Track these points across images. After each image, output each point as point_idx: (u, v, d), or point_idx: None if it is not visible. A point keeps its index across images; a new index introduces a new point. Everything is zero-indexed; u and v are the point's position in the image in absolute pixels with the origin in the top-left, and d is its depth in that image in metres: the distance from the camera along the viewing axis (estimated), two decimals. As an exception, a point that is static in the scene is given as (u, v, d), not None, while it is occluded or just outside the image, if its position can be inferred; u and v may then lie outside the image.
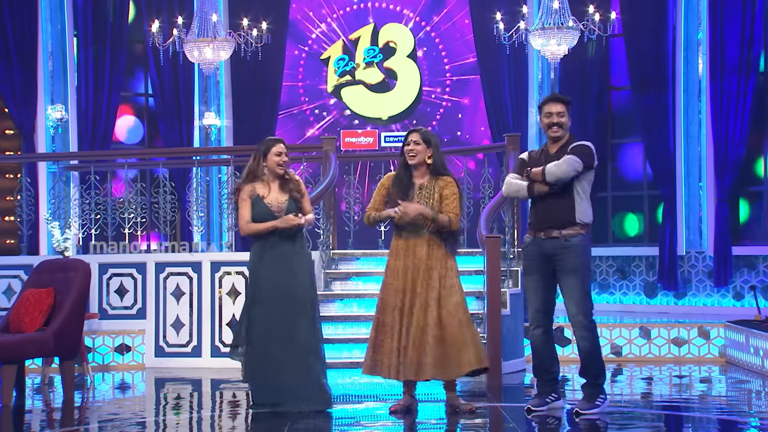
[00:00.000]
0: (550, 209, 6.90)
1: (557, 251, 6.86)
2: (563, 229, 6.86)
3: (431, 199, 6.99)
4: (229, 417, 7.50)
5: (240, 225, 7.16)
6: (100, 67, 13.19)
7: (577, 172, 6.80)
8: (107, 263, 10.15)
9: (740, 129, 12.17)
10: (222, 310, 9.86)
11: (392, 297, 6.97)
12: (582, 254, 6.85)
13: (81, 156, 12.47)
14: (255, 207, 7.10)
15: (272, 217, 7.08)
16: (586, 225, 6.89)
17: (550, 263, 6.91)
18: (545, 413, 6.96)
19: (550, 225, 6.90)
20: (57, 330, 7.79)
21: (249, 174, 7.17)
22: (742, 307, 12.03)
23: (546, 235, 6.91)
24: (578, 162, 6.79)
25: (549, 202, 6.88)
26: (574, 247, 6.83)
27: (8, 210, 12.20)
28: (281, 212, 7.09)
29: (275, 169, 7.15)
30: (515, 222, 9.90)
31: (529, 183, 6.92)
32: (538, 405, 7.03)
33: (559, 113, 6.94)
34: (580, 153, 6.84)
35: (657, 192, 12.96)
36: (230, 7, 14.06)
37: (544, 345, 7.01)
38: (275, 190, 7.16)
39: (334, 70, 14.76)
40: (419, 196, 7.02)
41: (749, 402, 7.98)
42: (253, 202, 7.10)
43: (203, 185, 11.66)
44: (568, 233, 6.85)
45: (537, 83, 13.73)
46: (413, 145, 7.08)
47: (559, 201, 6.86)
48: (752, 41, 12.18)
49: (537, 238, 6.96)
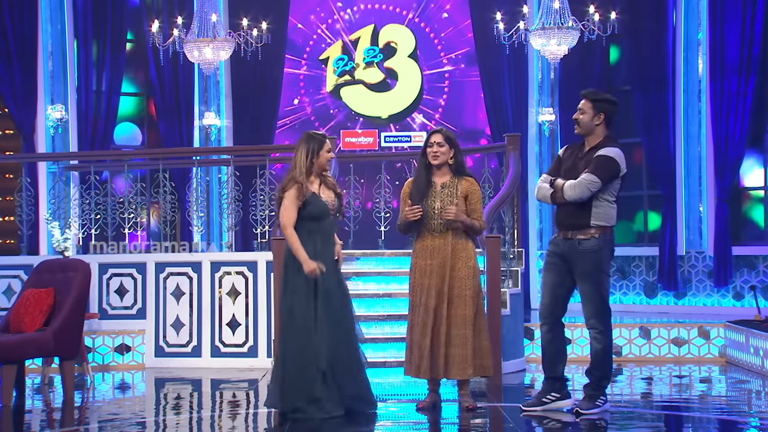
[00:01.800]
0: (567, 211, 6.84)
1: (571, 253, 6.83)
2: (577, 231, 6.80)
3: (454, 198, 7.02)
4: (229, 417, 7.50)
5: (284, 224, 6.88)
6: (100, 67, 13.19)
7: (592, 192, 6.68)
8: (107, 263, 10.15)
9: (740, 129, 12.17)
10: (222, 310, 9.86)
11: (421, 296, 7.02)
12: (596, 259, 6.76)
13: (81, 156, 12.47)
14: (312, 204, 6.90)
15: (328, 214, 6.96)
16: (604, 228, 6.78)
17: (565, 263, 6.88)
18: (539, 414, 6.95)
19: (566, 226, 6.86)
20: (57, 330, 7.79)
21: (302, 171, 6.93)
22: (742, 307, 12.02)
23: (563, 236, 6.89)
24: (595, 182, 6.67)
25: (569, 203, 6.80)
26: (587, 251, 6.76)
27: (8, 210, 12.19)
28: (333, 209, 7.01)
29: (325, 166, 7.03)
30: (515, 222, 9.90)
31: (553, 192, 6.87)
32: (532, 405, 7.02)
33: (580, 110, 6.83)
34: (599, 169, 6.68)
35: (657, 192, 12.95)
36: (230, 7, 14.05)
37: (549, 343, 7.01)
38: (323, 188, 7.03)
39: (333, 70, 14.76)
40: (441, 195, 7.04)
41: (749, 402, 7.98)
42: (310, 199, 6.90)
43: (203, 185, 11.66)
44: (581, 236, 6.79)
45: (537, 83, 13.72)
46: (437, 147, 7.08)
47: (578, 203, 6.76)
48: (752, 41, 12.17)
49: (556, 238, 6.97)
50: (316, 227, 6.93)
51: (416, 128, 14.53)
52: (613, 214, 6.84)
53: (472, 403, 7.13)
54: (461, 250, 7.04)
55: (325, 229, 6.97)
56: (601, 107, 6.81)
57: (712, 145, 12.42)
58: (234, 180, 10.76)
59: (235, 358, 9.77)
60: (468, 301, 6.98)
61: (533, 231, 13.56)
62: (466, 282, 7.00)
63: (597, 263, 6.77)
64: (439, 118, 14.54)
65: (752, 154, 12.55)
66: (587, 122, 6.82)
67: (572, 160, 6.89)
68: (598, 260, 6.77)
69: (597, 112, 6.80)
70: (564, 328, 7.07)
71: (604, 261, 6.80)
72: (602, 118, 6.81)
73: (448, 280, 6.97)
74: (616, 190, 6.82)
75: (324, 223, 6.96)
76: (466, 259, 7.04)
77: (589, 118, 6.81)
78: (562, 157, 7.00)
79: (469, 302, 6.98)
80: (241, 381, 8.97)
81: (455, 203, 6.99)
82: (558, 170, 6.95)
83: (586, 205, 6.77)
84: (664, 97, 12.70)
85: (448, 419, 7.02)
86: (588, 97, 6.85)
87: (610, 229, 6.84)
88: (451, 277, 6.99)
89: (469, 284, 7.01)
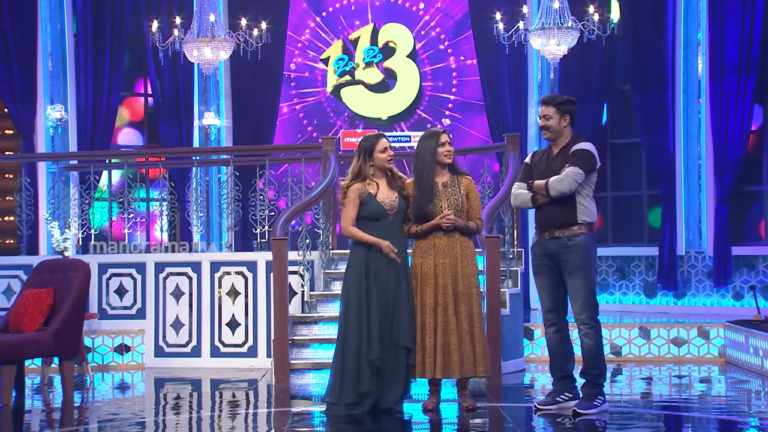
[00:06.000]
0: (552, 210, 6.96)
1: (561, 251, 6.91)
2: (565, 229, 6.91)
3: (458, 197, 7.06)
4: (228, 417, 7.50)
5: (343, 225, 7.01)
6: (100, 67, 13.18)
7: (578, 183, 6.84)
8: (107, 263, 10.15)
9: (740, 129, 12.17)
10: (222, 310, 9.86)
11: (429, 297, 7.00)
12: (585, 254, 6.89)
13: (81, 156, 12.47)
14: (367, 205, 6.98)
15: (385, 215, 7.00)
16: (589, 224, 6.94)
17: (555, 263, 6.96)
18: (554, 412, 6.96)
19: (552, 226, 6.96)
20: (57, 330, 7.79)
21: (356, 174, 7.02)
22: (742, 307, 12.02)
23: (550, 236, 6.98)
24: (580, 174, 6.84)
25: (551, 204, 6.93)
26: (577, 247, 6.88)
27: (8, 210, 12.20)
28: (393, 210, 7.02)
29: (384, 165, 7.05)
30: (515, 222, 9.90)
31: (533, 194, 6.98)
32: (546, 403, 7.05)
33: (546, 116, 6.99)
34: (580, 161, 6.87)
35: (657, 192, 12.95)
36: (230, 7, 14.05)
37: (558, 343, 7.05)
38: (384, 188, 7.05)
39: (334, 70, 14.76)
40: (445, 194, 7.05)
41: (749, 402, 7.98)
42: (365, 200, 6.97)
43: (203, 185, 11.66)
44: (571, 233, 6.90)
45: (537, 83, 13.72)
46: (449, 146, 7.11)
47: (561, 202, 6.90)
48: (752, 41, 12.17)
49: (542, 239, 7.05)
50: (373, 227, 7.01)
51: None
52: (595, 210, 7.02)
53: (472, 403, 7.13)
54: (467, 248, 7.10)
55: (382, 230, 7.00)
56: (566, 109, 7.01)
57: (711, 145, 12.42)
58: (234, 180, 10.76)
59: (235, 358, 9.77)
60: (474, 299, 7.02)
61: (533, 231, 13.52)
62: (473, 280, 7.06)
63: (587, 258, 6.89)
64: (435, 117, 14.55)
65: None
66: (556, 126, 7.00)
67: (544, 163, 7.04)
68: (587, 255, 6.90)
69: (563, 114, 6.99)
70: (569, 326, 7.10)
71: (592, 255, 6.96)
72: (568, 120, 7.02)
73: (460, 279, 7.00)
74: (594, 185, 6.99)
75: (380, 224, 7.01)
76: (471, 257, 7.11)
77: (557, 122, 7.00)
78: (531, 163, 7.16)
79: (476, 300, 7.02)
80: (240, 381, 8.97)
81: (459, 202, 7.03)
82: (529, 176, 7.09)
83: (570, 203, 6.90)
84: (663, 97, 12.69)
85: (448, 419, 7.03)
86: (551, 103, 7.03)
87: (593, 225, 7.01)
88: (463, 275, 7.02)
89: (476, 282, 7.08)
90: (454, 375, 6.97)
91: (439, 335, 6.95)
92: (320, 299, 9.42)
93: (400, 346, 6.94)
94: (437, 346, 6.95)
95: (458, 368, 6.94)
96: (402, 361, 6.96)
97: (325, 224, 10.01)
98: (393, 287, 6.97)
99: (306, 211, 9.77)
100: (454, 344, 6.93)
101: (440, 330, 6.95)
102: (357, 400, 6.88)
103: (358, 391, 6.87)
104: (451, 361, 6.94)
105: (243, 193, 10.85)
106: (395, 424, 6.84)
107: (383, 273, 6.96)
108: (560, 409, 7.00)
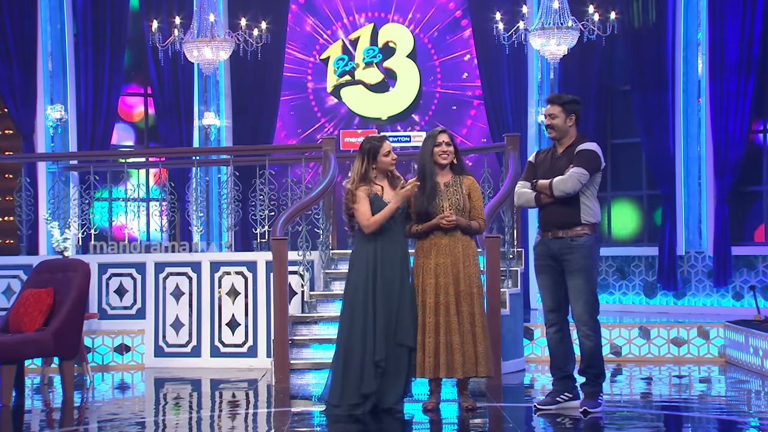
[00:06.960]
0: (555, 210, 6.95)
1: (564, 251, 6.91)
2: (569, 229, 6.91)
3: (460, 197, 7.06)
4: (228, 417, 7.50)
5: (362, 223, 7.02)
6: (100, 67, 13.18)
7: (582, 184, 6.84)
8: (107, 263, 10.15)
9: (740, 129, 12.17)
10: (222, 310, 9.86)
11: (438, 295, 7.00)
12: (588, 255, 6.88)
13: (81, 156, 12.46)
14: (374, 205, 7.03)
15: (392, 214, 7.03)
16: (592, 225, 6.93)
17: (558, 263, 6.96)
18: (554, 412, 6.96)
19: (556, 226, 6.95)
20: (56, 330, 7.79)
21: (361, 177, 7.09)
22: (742, 307, 12.02)
23: (553, 236, 6.97)
24: (584, 174, 6.83)
25: (555, 204, 6.93)
26: (580, 247, 6.87)
27: (8, 210, 12.19)
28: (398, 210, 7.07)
29: (388, 168, 7.12)
30: (515, 222, 9.90)
31: (536, 194, 6.97)
32: (546, 403, 7.04)
33: (551, 115, 6.99)
34: (585, 161, 6.86)
35: (657, 192, 12.95)
36: (229, 7, 14.05)
37: (559, 343, 7.06)
38: (387, 189, 7.11)
39: (334, 70, 14.76)
40: (447, 194, 7.05)
41: (749, 402, 7.98)
42: (372, 200, 7.03)
43: (203, 185, 11.66)
44: (574, 233, 6.89)
45: (537, 83, 13.72)
46: (446, 146, 7.10)
47: (565, 202, 6.89)
48: (752, 41, 12.17)
49: (545, 239, 7.03)
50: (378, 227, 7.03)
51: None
52: (599, 210, 7.01)
53: (472, 403, 7.13)
54: (468, 247, 7.10)
55: (387, 230, 7.03)
56: (571, 108, 7.01)
57: (711, 145, 12.42)
58: (233, 180, 10.76)
59: (235, 358, 9.77)
60: (476, 299, 7.02)
61: (533, 231, 13.54)
62: (474, 279, 7.06)
63: (590, 258, 6.90)
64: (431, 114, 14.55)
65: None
66: (561, 125, 6.99)
67: (548, 162, 7.04)
68: (591, 255, 6.90)
69: (568, 114, 6.99)
70: (569, 326, 7.10)
71: (596, 256, 6.96)
72: (573, 119, 7.01)
73: (461, 278, 7.00)
74: (598, 185, 6.99)
75: (384, 224, 7.02)
76: (472, 257, 7.11)
77: (562, 122, 6.99)
78: (535, 162, 7.16)
79: (477, 300, 7.02)
80: (240, 381, 8.97)
81: (461, 202, 7.03)
82: (533, 175, 7.09)
83: (574, 203, 6.90)
84: (663, 97, 12.69)
85: (448, 419, 7.02)
86: (557, 102, 7.03)
87: (597, 225, 6.99)
88: (464, 274, 7.02)
89: (477, 281, 7.07)
90: (457, 375, 6.97)
91: (441, 335, 6.94)
92: (320, 299, 9.42)
93: (403, 345, 6.94)
94: (437, 345, 6.94)
95: (461, 368, 6.95)
96: (403, 361, 6.97)
97: (324, 224, 10.00)
98: (398, 285, 6.98)
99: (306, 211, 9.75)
100: (456, 344, 6.92)
101: (442, 329, 6.95)
102: (359, 401, 6.88)
103: (361, 392, 6.87)
104: (454, 361, 6.94)
105: (243, 193, 10.85)
106: (395, 424, 6.84)
107: (389, 269, 6.97)
108: (560, 409, 7.00)
